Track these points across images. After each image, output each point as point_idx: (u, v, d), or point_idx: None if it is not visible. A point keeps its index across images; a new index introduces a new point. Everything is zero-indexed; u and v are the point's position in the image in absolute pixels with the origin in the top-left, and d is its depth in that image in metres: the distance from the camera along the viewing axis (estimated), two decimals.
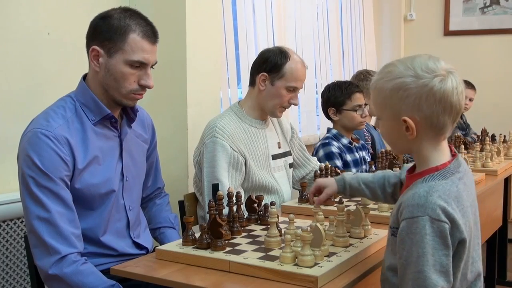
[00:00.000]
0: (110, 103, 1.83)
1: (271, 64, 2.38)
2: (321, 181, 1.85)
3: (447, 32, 5.48)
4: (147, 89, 1.84)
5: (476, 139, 3.78)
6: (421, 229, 1.30)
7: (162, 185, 2.21)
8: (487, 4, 5.27)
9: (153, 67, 1.86)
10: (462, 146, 3.38)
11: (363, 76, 3.58)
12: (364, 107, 3.04)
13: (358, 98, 3.02)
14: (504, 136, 3.84)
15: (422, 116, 1.36)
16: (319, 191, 1.82)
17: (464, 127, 4.27)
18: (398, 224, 1.36)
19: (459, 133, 4.03)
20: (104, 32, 1.77)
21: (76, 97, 1.82)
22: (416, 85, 1.36)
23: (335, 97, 3.03)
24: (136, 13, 1.82)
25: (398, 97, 1.37)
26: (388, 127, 1.45)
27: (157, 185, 2.17)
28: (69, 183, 1.72)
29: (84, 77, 1.86)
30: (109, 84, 1.79)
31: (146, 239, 2.00)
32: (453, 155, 1.44)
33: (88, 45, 1.81)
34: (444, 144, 1.44)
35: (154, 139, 2.10)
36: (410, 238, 1.31)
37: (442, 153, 1.42)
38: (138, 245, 1.95)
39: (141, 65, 1.80)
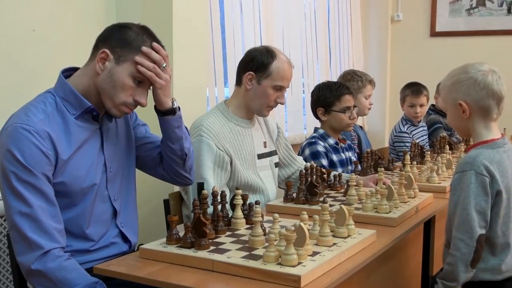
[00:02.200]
0: (98, 104, 1.82)
1: (257, 63, 2.38)
2: None
3: (434, 33, 5.51)
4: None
5: (461, 139, 3.80)
6: (468, 180, 1.82)
7: None
8: (473, 5, 5.30)
9: (150, 88, 1.88)
10: (447, 146, 3.41)
11: (349, 76, 3.58)
12: (353, 109, 3.05)
13: (347, 100, 3.03)
14: None
15: (471, 100, 1.88)
16: None
17: (449, 128, 4.30)
18: None
19: (444, 134, 4.06)
20: (119, 40, 1.78)
21: (56, 92, 1.81)
22: (465, 78, 1.89)
23: (324, 98, 3.04)
24: (152, 35, 1.85)
25: (454, 89, 1.91)
26: (452, 114, 1.96)
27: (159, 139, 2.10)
28: (51, 177, 1.70)
29: (63, 71, 1.85)
30: (106, 89, 1.79)
31: (132, 231, 1.99)
32: (502, 136, 1.94)
33: (98, 46, 1.81)
34: (494, 126, 1.93)
35: (137, 119, 2.08)
36: (460, 186, 1.84)
37: (491, 132, 1.92)
38: (123, 236, 1.94)
39: (142, 82, 1.82)
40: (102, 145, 1.88)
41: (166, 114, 1.92)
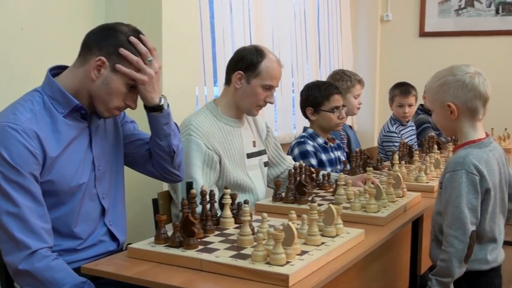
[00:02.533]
0: (87, 105, 1.82)
1: (247, 63, 2.38)
2: None
3: (423, 33, 5.54)
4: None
5: (449, 139, 3.83)
6: (459, 179, 1.88)
7: None
8: (462, 6, 5.33)
9: None
10: (435, 146, 3.43)
11: (338, 76, 3.59)
12: (342, 109, 3.06)
13: (337, 100, 3.04)
14: None
15: (460, 101, 1.94)
16: None
17: (438, 128, 4.31)
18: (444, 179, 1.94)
19: (432, 133, 4.08)
20: (115, 46, 1.77)
21: (43, 91, 1.79)
22: (454, 80, 1.94)
23: (313, 97, 3.05)
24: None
25: (442, 91, 1.96)
26: (439, 114, 2.02)
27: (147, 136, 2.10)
28: (38, 177, 1.69)
29: (51, 70, 1.84)
30: (100, 95, 1.79)
31: (121, 230, 1.99)
32: (487, 135, 2.01)
33: (91, 49, 1.78)
34: (479, 125, 2.00)
35: (125, 116, 2.08)
36: (451, 185, 1.89)
37: (477, 131, 1.99)
38: (111, 235, 1.94)
39: (134, 87, 1.82)
40: (90, 143, 1.87)
41: (153, 110, 1.91)
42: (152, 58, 1.83)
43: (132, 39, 1.79)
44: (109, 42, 1.78)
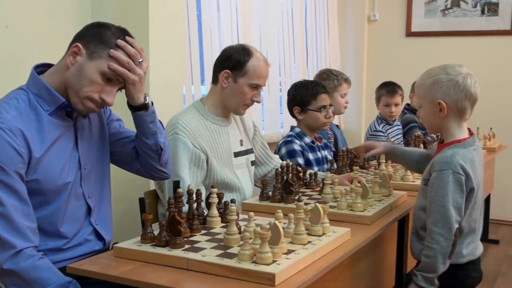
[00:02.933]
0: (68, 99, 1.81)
1: (233, 61, 2.38)
2: (372, 142, 2.81)
3: (409, 33, 5.56)
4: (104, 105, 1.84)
5: (436, 138, 3.85)
6: (446, 178, 1.92)
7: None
8: (448, 6, 5.37)
9: (121, 90, 1.86)
10: (422, 145, 3.45)
11: (325, 75, 3.59)
12: (329, 108, 3.07)
13: (324, 99, 3.04)
14: None
15: (450, 100, 1.98)
16: (369, 148, 2.59)
17: (424, 127, 4.34)
18: (429, 176, 1.99)
19: (419, 133, 4.10)
20: (95, 36, 1.77)
21: (28, 89, 1.78)
22: (447, 79, 1.98)
23: (300, 96, 3.05)
24: (131, 37, 1.84)
25: (434, 88, 1.99)
26: (427, 111, 2.05)
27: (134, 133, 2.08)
28: (24, 175, 1.68)
29: (36, 67, 1.83)
30: (73, 83, 1.76)
31: (107, 229, 1.98)
32: (471, 134, 2.05)
33: (73, 41, 1.79)
34: (465, 125, 2.05)
35: (110, 115, 2.06)
36: (438, 184, 1.94)
37: (463, 131, 2.03)
38: (97, 234, 1.93)
39: (111, 80, 1.79)
40: (76, 142, 1.86)
41: (139, 109, 1.90)
42: (142, 59, 1.83)
43: (120, 42, 1.78)
44: (91, 32, 1.78)
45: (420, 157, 2.40)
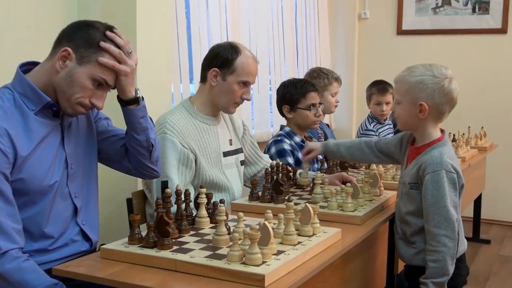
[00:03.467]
0: (57, 101, 1.78)
1: (222, 59, 2.36)
2: (311, 144, 2.58)
3: (400, 31, 5.56)
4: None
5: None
6: (441, 179, 1.92)
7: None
8: (439, 4, 5.37)
9: (111, 90, 1.84)
10: None
11: (316, 74, 3.58)
12: (319, 107, 3.05)
13: (313, 97, 3.03)
14: (454, 135, 3.93)
15: (433, 103, 1.97)
16: (308, 152, 2.46)
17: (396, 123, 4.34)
18: (417, 180, 1.99)
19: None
20: (84, 39, 1.74)
21: (13, 88, 1.76)
22: (432, 82, 1.96)
23: (290, 95, 3.03)
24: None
25: (418, 88, 1.97)
26: (406, 109, 2.02)
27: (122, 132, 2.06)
28: (9, 176, 1.65)
29: (21, 66, 1.80)
30: (63, 88, 1.75)
31: (94, 229, 1.95)
32: (442, 132, 2.07)
33: (61, 43, 1.76)
34: (439, 126, 2.06)
35: (98, 113, 2.04)
36: (433, 185, 1.93)
37: (437, 131, 2.05)
38: (84, 234, 1.90)
39: (102, 85, 1.78)
40: (62, 141, 1.84)
41: (130, 104, 1.88)
42: (131, 50, 1.81)
43: (109, 33, 1.77)
44: (79, 35, 1.76)
45: (365, 147, 2.33)
